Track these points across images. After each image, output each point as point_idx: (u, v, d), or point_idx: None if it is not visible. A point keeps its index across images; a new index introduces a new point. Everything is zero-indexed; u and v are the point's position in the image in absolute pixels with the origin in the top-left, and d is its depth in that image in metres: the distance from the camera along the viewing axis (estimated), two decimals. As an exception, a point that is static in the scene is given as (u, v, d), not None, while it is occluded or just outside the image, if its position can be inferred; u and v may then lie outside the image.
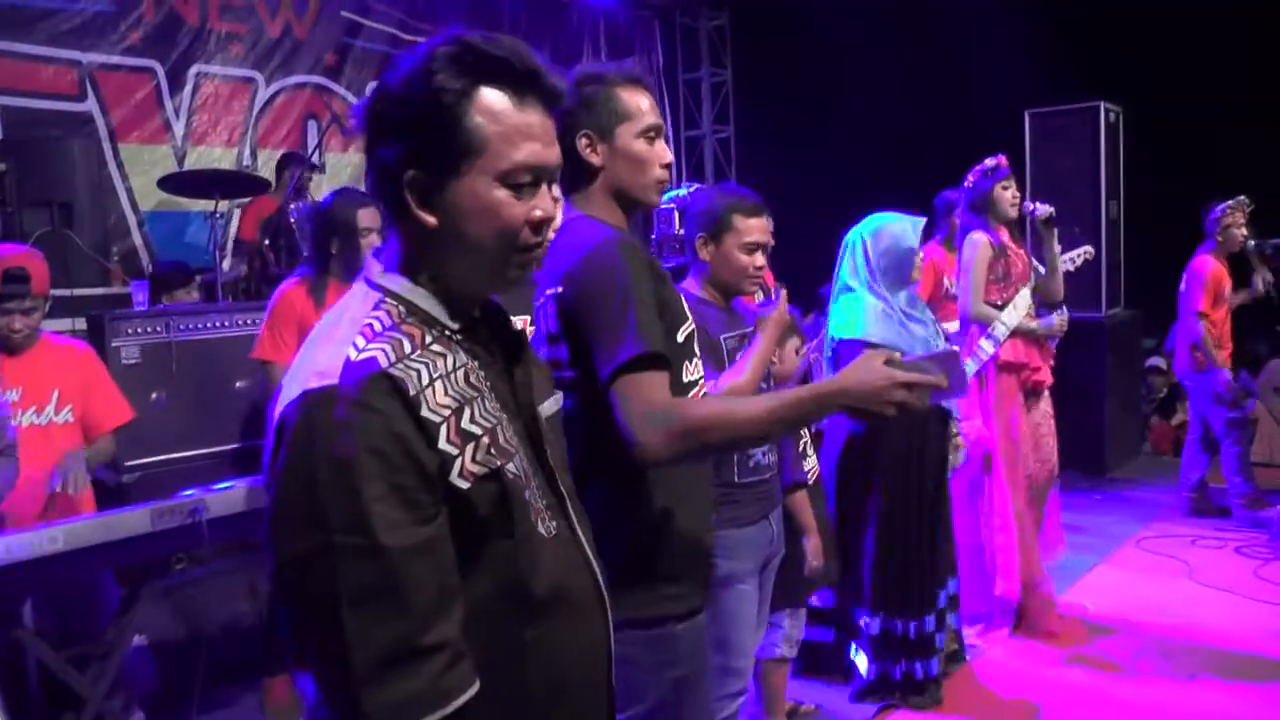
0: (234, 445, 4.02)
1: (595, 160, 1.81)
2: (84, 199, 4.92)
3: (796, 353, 3.06)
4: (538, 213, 1.14)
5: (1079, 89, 6.38)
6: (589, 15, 8.83)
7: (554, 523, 1.20)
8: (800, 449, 3.02)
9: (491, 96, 1.10)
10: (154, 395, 3.86)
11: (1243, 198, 5.20)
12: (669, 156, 1.86)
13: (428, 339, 1.12)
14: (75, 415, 3.01)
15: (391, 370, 1.06)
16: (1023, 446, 3.90)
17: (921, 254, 3.37)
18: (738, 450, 1.79)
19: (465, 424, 1.10)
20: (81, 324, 4.02)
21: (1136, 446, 6.95)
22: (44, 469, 2.85)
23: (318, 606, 1.03)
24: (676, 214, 5.44)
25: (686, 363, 1.81)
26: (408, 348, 1.09)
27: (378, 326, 1.10)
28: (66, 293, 4.36)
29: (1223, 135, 6.31)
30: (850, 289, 3.33)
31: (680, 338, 1.79)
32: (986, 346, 3.87)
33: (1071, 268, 4.14)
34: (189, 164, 6.17)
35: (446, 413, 1.08)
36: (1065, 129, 6.47)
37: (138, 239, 5.99)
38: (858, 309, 3.26)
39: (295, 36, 6.78)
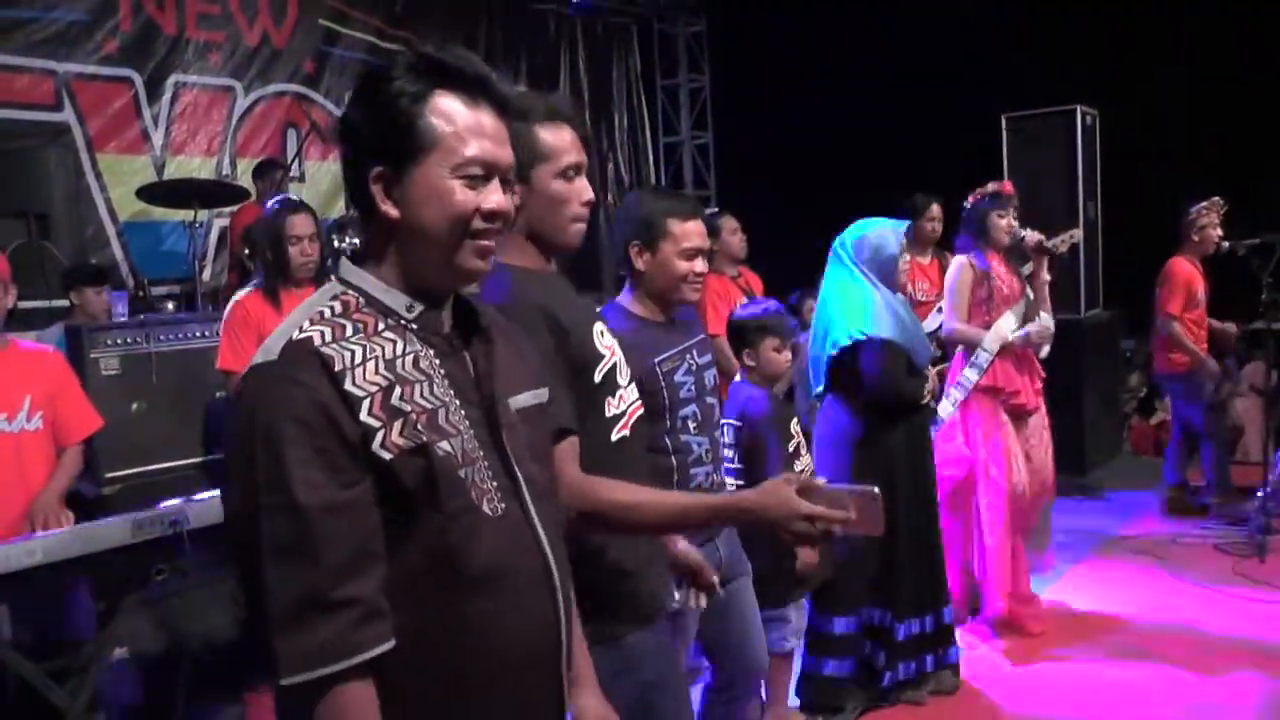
0: (215, 455, 3.99)
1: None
2: (61, 209, 4.90)
3: (777, 351, 3.06)
4: (490, 203, 1.25)
5: (1056, 92, 6.43)
6: (567, 22, 8.84)
7: (503, 505, 1.26)
8: (793, 448, 3.04)
9: (445, 99, 1.24)
10: (134, 406, 3.84)
11: (1217, 199, 5.25)
12: (589, 194, 1.81)
13: (380, 326, 1.24)
14: (45, 422, 2.96)
15: (322, 348, 1.18)
16: (1009, 464, 3.90)
17: (908, 259, 3.40)
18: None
19: (395, 401, 1.19)
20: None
21: (1116, 446, 7.00)
22: (17, 476, 2.83)
23: (247, 560, 1.14)
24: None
25: (609, 399, 1.80)
26: (349, 331, 1.21)
27: (326, 314, 1.23)
28: (45, 304, 4.34)
29: (1198, 137, 6.39)
30: (855, 287, 3.34)
31: (598, 378, 1.78)
32: (971, 375, 3.87)
33: (1056, 251, 4.13)
34: (168, 174, 6.13)
35: (373, 389, 1.18)
36: (1042, 132, 6.51)
37: (117, 250, 5.95)
38: (868, 306, 3.29)
39: (273, 45, 6.76)
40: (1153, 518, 5.48)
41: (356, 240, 4.88)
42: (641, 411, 1.90)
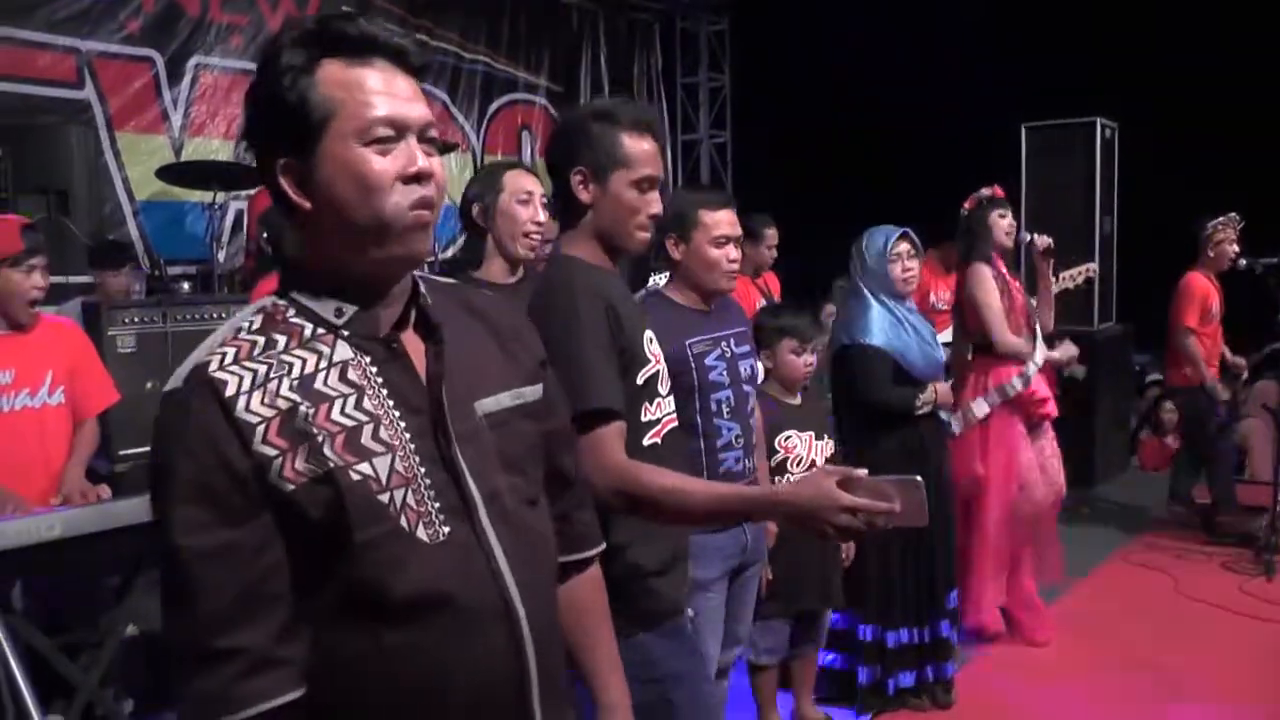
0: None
1: (584, 198, 1.82)
2: (80, 187, 4.90)
3: (795, 354, 3.06)
4: (412, 168, 1.10)
5: (1076, 104, 6.43)
6: (589, 17, 8.84)
7: (447, 527, 1.12)
8: (776, 463, 3.04)
9: (333, 66, 1.10)
10: (149, 384, 3.84)
11: (1233, 214, 5.24)
12: (658, 208, 1.85)
13: (308, 335, 1.13)
14: (67, 397, 2.99)
15: (216, 374, 1.08)
16: (1028, 477, 3.88)
17: (914, 265, 3.37)
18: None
19: (299, 424, 1.07)
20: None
21: (1125, 460, 6.99)
22: (39, 450, 2.84)
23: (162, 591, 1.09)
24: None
25: (646, 404, 1.84)
26: (259, 349, 1.11)
27: (242, 330, 1.13)
28: (62, 279, 4.34)
29: (1217, 153, 6.36)
30: (856, 295, 3.38)
31: (640, 380, 1.81)
32: (1017, 384, 3.82)
33: (1072, 285, 4.15)
34: (186, 155, 6.13)
35: (270, 414, 1.07)
36: (1061, 143, 6.51)
37: (133, 228, 5.96)
38: (863, 313, 3.32)
39: (296, 29, 6.75)
40: (1159, 534, 5.47)
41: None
42: (675, 425, 1.93)
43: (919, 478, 1.46)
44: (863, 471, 1.50)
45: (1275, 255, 5.09)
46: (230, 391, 1.07)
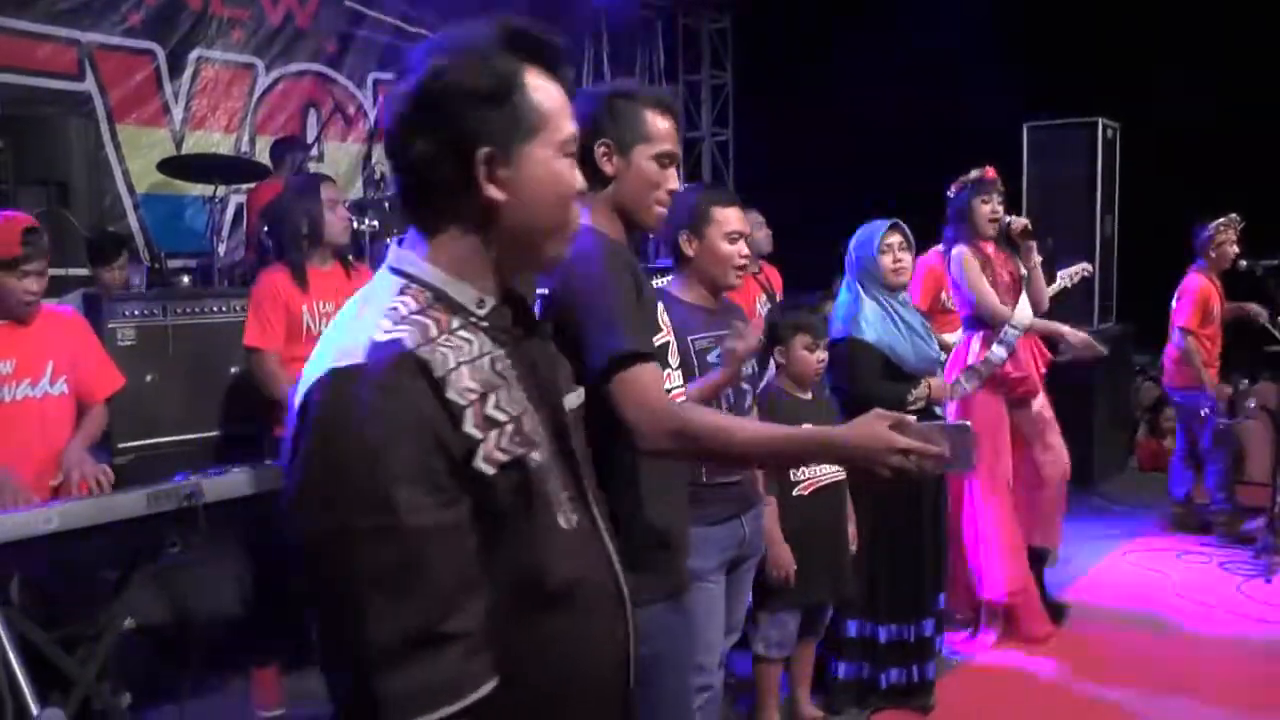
0: (229, 430, 4.00)
1: (608, 169, 1.89)
2: (80, 179, 4.89)
3: (808, 350, 3.07)
4: (580, 184, 1.20)
5: (1078, 103, 6.42)
6: (591, 13, 8.82)
7: (575, 515, 1.18)
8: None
9: (539, 76, 1.16)
10: (149, 377, 3.84)
11: (1234, 215, 5.24)
12: (674, 183, 1.93)
13: (454, 324, 1.12)
14: (70, 386, 2.98)
15: (418, 351, 1.06)
16: (1013, 452, 3.89)
17: (905, 259, 3.36)
18: (725, 464, 1.84)
19: (489, 410, 1.09)
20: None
21: (1124, 460, 6.99)
22: (41, 441, 2.84)
23: (337, 589, 1.01)
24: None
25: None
26: (434, 331, 1.09)
27: (403, 310, 1.10)
28: (61, 272, 4.33)
29: (1219, 154, 6.36)
30: (849, 289, 3.41)
31: (656, 343, 1.86)
32: (1000, 353, 3.83)
33: (1069, 284, 4.15)
34: (187, 148, 6.13)
35: (473, 396, 1.08)
36: (1063, 143, 6.51)
37: (133, 221, 5.95)
38: (854, 307, 3.35)
39: (297, 24, 6.75)
40: (1158, 534, 5.47)
41: (375, 223, 4.88)
42: (684, 398, 1.95)
43: (968, 423, 1.53)
44: (912, 418, 1.53)
45: (1275, 257, 5.09)
46: (439, 372, 1.06)
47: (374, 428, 1.01)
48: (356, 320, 1.11)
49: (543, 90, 1.16)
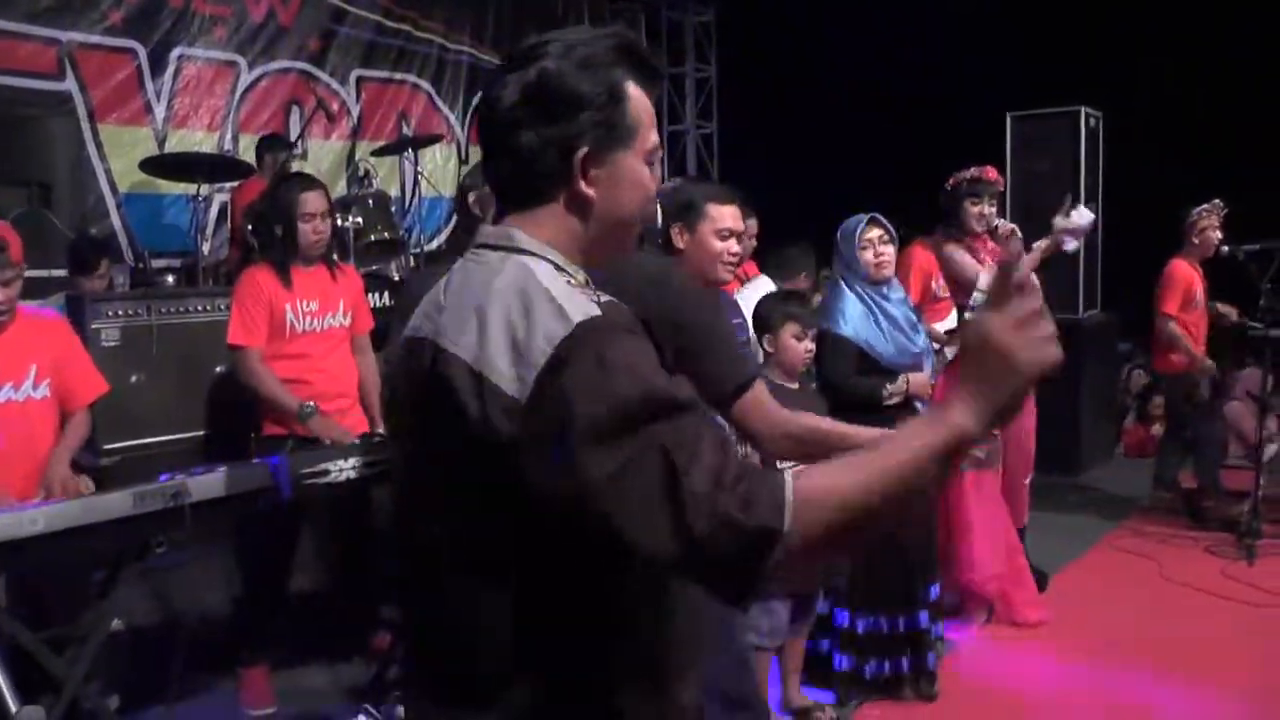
0: (215, 429, 3.99)
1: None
2: (63, 179, 4.88)
3: (797, 339, 3.08)
4: (655, 190, 1.31)
5: (1060, 93, 6.44)
6: (574, 7, 8.81)
7: None
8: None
9: (638, 88, 1.26)
10: (134, 378, 3.83)
11: (1217, 201, 5.28)
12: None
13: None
14: (53, 391, 2.96)
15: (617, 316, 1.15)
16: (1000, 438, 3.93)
17: (887, 251, 3.38)
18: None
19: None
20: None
21: (1111, 447, 7.04)
22: (24, 444, 2.83)
23: (646, 478, 1.02)
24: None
25: None
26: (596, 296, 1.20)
27: (569, 281, 1.19)
28: (44, 274, 4.32)
29: (1201, 142, 6.40)
30: (833, 283, 3.44)
31: None
32: (978, 297, 3.88)
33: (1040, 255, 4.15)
34: (170, 147, 6.10)
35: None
36: (1046, 133, 6.52)
37: (116, 221, 5.92)
38: (836, 301, 3.39)
39: (279, 21, 6.72)
40: (1144, 519, 5.51)
41: (359, 219, 4.87)
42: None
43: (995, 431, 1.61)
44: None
45: (1258, 242, 5.12)
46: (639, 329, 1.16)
47: (615, 352, 1.08)
48: (549, 291, 1.13)
49: (639, 102, 1.25)
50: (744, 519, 1.00)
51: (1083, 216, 3.92)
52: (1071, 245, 3.99)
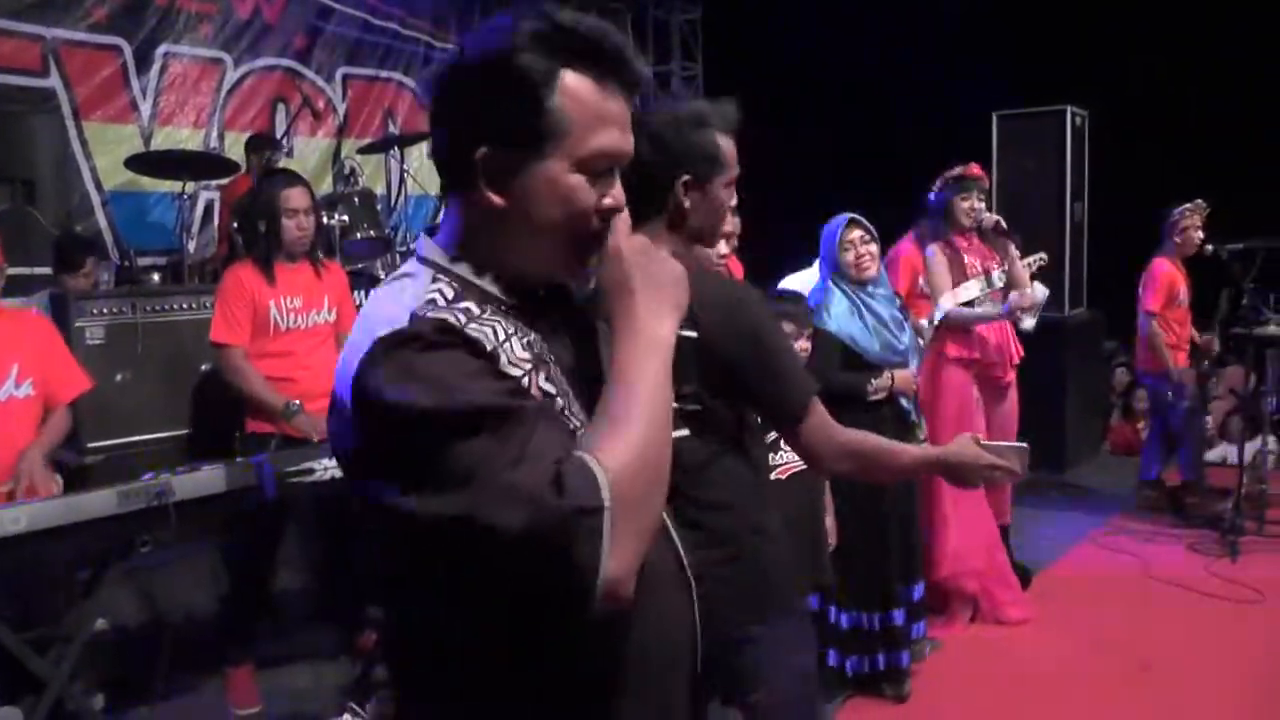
0: (200, 428, 3.97)
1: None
2: (47, 176, 4.85)
3: (791, 337, 3.08)
4: (608, 201, 1.11)
5: (1046, 93, 6.47)
6: (559, 4, 8.79)
7: None
8: (773, 440, 3.05)
9: (576, 80, 1.06)
10: (118, 376, 3.81)
11: (1199, 201, 5.30)
12: (733, 202, 1.94)
13: (488, 311, 1.09)
14: (36, 389, 2.94)
15: (465, 329, 1.04)
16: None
17: (870, 249, 3.40)
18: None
19: (541, 383, 1.09)
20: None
21: (1096, 445, 7.07)
22: (6, 444, 2.81)
23: (465, 489, 0.97)
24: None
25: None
26: (475, 311, 1.07)
27: (440, 300, 1.08)
28: (28, 271, 4.29)
29: (1185, 141, 6.43)
30: (821, 280, 3.46)
31: None
32: (936, 316, 3.97)
33: (1032, 271, 4.21)
34: (155, 145, 6.06)
35: (527, 367, 1.07)
36: (1032, 132, 6.55)
37: (101, 219, 5.89)
38: (821, 298, 3.41)
39: (265, 19, 6.69)
40: (1128, 516, 5.53)
41: (345, 217, 4.86)
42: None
43: (1026, 445, 1.83)
44: (981, 438, 1.83)
45: (1240, 241, 5.16)
46: (489, 346, 1.04)
47: (438, 365, 1.00)
48: (394, 302, 1.07)
49: (574, 97, 1.06)
50: (562, 503, 0.95)
51: (1039, 292, 4.01)
52: (1028, 322, 4.03)
